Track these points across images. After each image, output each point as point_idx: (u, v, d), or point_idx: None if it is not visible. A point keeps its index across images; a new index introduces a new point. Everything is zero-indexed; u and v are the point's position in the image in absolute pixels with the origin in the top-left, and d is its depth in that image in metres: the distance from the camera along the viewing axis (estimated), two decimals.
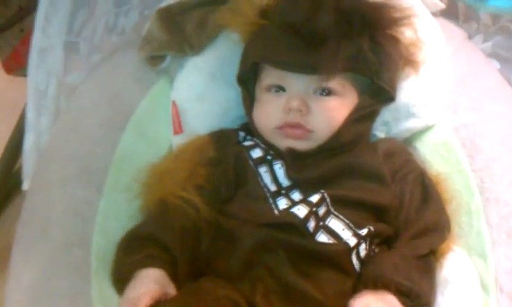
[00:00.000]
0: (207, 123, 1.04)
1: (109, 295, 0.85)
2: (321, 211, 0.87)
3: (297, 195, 0.89)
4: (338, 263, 0.83)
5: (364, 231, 0.86)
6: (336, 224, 0.86)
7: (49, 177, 0.99)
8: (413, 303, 0.79)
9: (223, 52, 1.06)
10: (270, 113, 0.93)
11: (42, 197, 0.97)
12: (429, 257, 0.85)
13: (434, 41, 1.03)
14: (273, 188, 0.90)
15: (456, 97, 1.02)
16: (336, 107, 0.92)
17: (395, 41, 0.95)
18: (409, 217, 0.88)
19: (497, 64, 1.13)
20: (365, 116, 0.94)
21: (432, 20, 1.07)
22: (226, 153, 0.95)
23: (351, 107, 0.93)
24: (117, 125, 1.04)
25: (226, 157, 0.94)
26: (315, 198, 0.87)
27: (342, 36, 0.89)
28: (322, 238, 0.85)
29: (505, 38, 1.14)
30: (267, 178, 0.91)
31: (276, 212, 0.87)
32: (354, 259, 0.84)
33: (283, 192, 0.90)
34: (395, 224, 0.89)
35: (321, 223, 0.86)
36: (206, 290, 0.79)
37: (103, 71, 1.12)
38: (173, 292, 0.80)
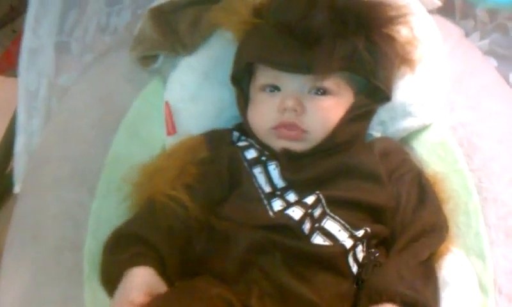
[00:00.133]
0: (201, 124, 1.03)
1: (102, 299, 0.84)
2: (317, 212, 0.86)
3: (292, 196, 0.88)
4: (334, 265, 0.82)
5: (360, 232, 0.85)
6: (332, 226, 0.85)
7: (41, 180, 0.98)
8: None
9: (217, 52, 1.05)
10: (265, 113, 0.92)
11: (33, 201, 0.97)
12: (430, 261, 0.84)
13: (431, 39, 1.03)
14: (268, 189, 0.89)
15: (453, 96, 1.02)
16: (331, 106, 0.91)
17: (391, 39, 0.95)
18: (406, 218, 0.88)
19: (494, 62, 1.13)
20: (360, 115, 0.94)
21: (428, 18, 1.06)
22: (219, 154, 0.94)
23: (347, 107, 0.92)
24: (109, 126, 1.03)
25: (219, 157, 0.93)
26: (310, 199, 0.86)
27: (337, 35, 0.89)
28: (318, 239, 0.84)
29: (503, 35, 1.15)
30: (261, 179, 0.90)
31: (270, 213, 0.86)
32: (350, 261, 0.83)
33: (277, 193, 0.89)
34: (391, 224, 0.89)
35: (317, 225, 0.85)
36: (199, 288, 0.78)
37: (95, 72, 1.11)
38: (164, 290, 0.78)
